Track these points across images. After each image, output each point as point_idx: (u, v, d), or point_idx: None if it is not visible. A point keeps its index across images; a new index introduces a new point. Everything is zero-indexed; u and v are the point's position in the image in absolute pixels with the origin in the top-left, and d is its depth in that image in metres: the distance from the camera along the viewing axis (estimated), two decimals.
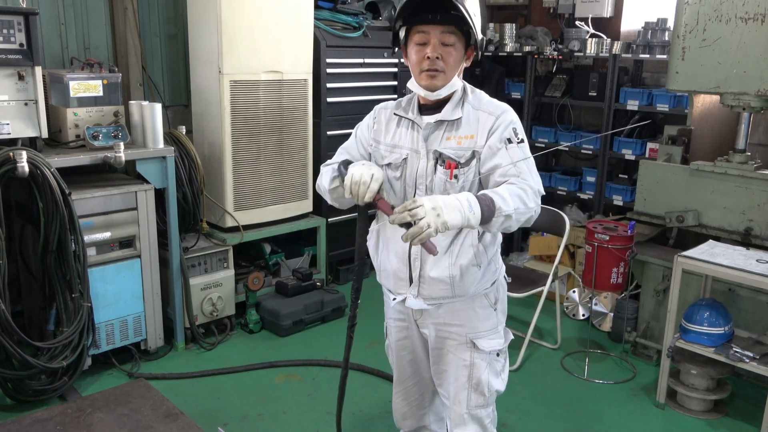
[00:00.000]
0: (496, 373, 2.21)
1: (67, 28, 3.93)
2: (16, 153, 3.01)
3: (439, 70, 1.97)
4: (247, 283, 4.15)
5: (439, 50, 1.97)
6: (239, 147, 4.12)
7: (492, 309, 2.18)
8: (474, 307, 2.15)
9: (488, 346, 2.16)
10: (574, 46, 5.07)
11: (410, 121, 2.09)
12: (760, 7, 3.27)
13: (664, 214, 3.83)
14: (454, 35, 1.97)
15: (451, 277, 2.05)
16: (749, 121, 3.63)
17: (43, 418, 2.80)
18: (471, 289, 2.09)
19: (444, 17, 1.94)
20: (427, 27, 1.97)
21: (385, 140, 2.14)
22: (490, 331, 2.18)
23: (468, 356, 2.16)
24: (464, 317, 2.15)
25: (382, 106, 2.24)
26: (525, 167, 1.97)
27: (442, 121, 2.04)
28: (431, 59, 1.96)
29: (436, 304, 2.13)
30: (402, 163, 2.08)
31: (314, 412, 3.34)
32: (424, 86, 2.01)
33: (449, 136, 2.03)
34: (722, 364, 3.29)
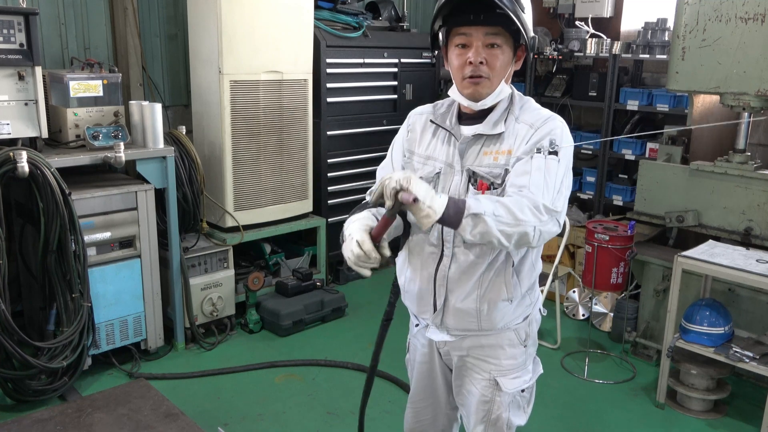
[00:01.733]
0: (518, 407, 2.03)
1: (67, 28, 3.93)
2: (16, 153, 3.01)
3: (483, 76, 1.75)
4: (247, 283, 4.15)
5: (483, 54, 1.73)
6: (239, 147, 4.12)
7: (522, 346, 1.97)
8: (502, 344, 1.95)
9: (511, 386, 1.97)
10: (574, 46, 5.07)
11: (447, 131, 1.88)
12: (760, 7, 3.27)
13: (664, 214, 3.83)
14: (500, 36, 1.73)
15: (479, 310, 1.86)
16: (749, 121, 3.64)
17: (43, 418, 2.80)
18: (500, 323, 1.90)
19: (488, 17, 1.70)
20: (468, 29, 1.73)
21: (419, 150, 1.94)
22: (515, 369, 1.98)
23: (489, 393, 1.98)
24: (489, 353, 1.96)
25: (417, 113, 2.01)
26: (539, 179, 1.70)
27: (481, 135, 1.82)
28: (474, 64, 1.73)
29: (460, 336, 1.95)
30: (434, 178, 1.87)
31: (314, 412, 3.34)
32: (467, 95, 1.78)
33: (487, 151, 1.80)
34: (722, 364, 3.29)
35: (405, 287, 2.00)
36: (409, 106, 2.66)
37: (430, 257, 1.89)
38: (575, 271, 4.74)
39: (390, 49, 4.91)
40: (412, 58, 5.08)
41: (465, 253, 1.84)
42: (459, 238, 1.82)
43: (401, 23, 5.21)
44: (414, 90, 5.13)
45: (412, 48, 5.09)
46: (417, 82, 5.16)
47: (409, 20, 5.54)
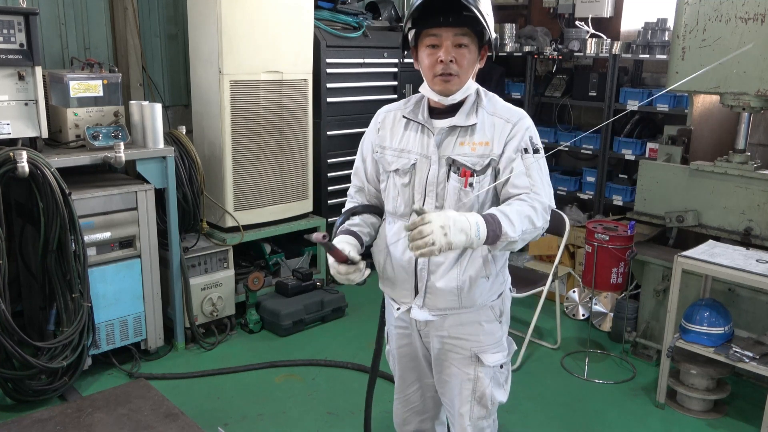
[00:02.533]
0: (499, 384, 2.17)
1: (67, 28, 3.93)
2: (16, 153, 3.01)
3: (453, 73, 1.89)
4: (247, 283, 4.15)
5: (452, 53, 1.88)
6: (239, 147, 4.12)
7: (497, 322, 2.12)
8: (480, 320, 2.08)
9: (492, 360, 2.11)
10: (574, 46, 5.07)
11: (420, 124, 2.01)
12: (760, 7, 3.27)
13: (664, 214, 3.83)
14: (467, 36, 1.88)
15: (459, 288, 1.99)
16: (749, 121, 3.63)
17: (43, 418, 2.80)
18: (478, 300, 2.03)
19: (456, 19, 1.84)
20: (438, 30, 1.87)
21: (391, 144, 2.06)
22: (494, 345, 2.12)
23: (472, 370, 2.11)
24: (469, 331, 2.09)
25: (385, 110, 2.14)
26: (538, 179, 1.91)
27: (456, 127, 1.96)
28: (445, 63, 1.87)
29: (441, 315, 2.06)
30: (410, 169, 2.00)
31: (314, 412, 3.34)
32: (438, 91, 1.93)
33: (462, 142, 1.95)
34: (722, 364, 3.29)
35: (384, 273, 2.11)
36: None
37: None
38: (575, 271, 4.74)
39: (390, 49, 4.91)
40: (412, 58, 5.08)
41: None
42: None
43: (401, 23, 5.21)
44: (414, 90, 5.10)
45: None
46: (417, 82, 5.08)
47: None
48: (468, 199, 1.94)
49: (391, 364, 2.37)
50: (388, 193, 2.07)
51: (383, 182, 2.10)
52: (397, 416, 2.43)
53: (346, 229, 2.09)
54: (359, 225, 2.13)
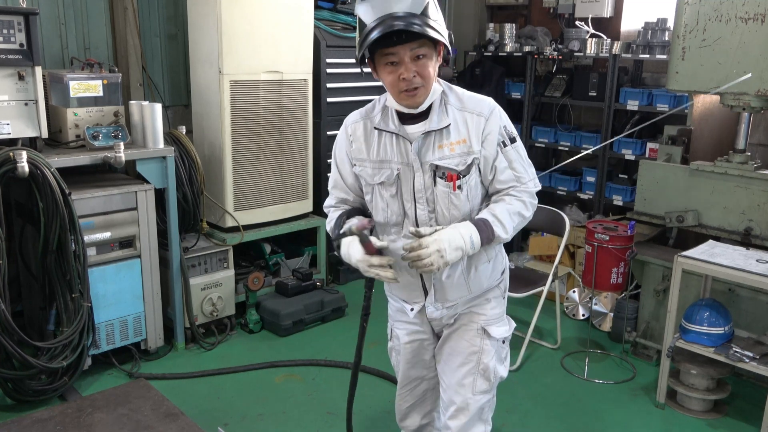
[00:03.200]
0: (501, 359, 2.24)
1: (67, 28, 3.93)
2: (16, 153, 3.01)
3: (417, 87, 1.88)
4: (247, 283, 4.15)
5: (413, 67, 1.85)
6: (239, 147, 4.12)
7: (501, 297, 2.23)
8: (489, 297, 2.18)
9: (498, 333, 2.19)
10: (574, 46, 5.07)
11: (393, 134, 1.99)
12: (760, 7, 3.27)
13: (664, 214, 3.83)
14: (423, 46, 1.85)
15: (467, 277, 2.08)
16: (749, 121, 3.63)
17: (43, 418, 2.80)
18: (485, 284, 2.14)
19: (409, 35, 1.80)
20: (394, 48, 1.83)
21: (369, 156, 2.04)
22: (499, 318, 2.21)
23: (479, 342, 2.17)
24: (477, 307, 2.18)
25: (352, 120, 2.11)
26: (521, 168, 2.00)
27: (430, 131, 1.96)
28: (408, 80, 1.86)
29: (453, 305, 2.15)
30: (395, 180, 2.00)
31: (314, 412, 3.34)
32: (407, 105, 1.94)
33: (440, 144, 1.95)
34: (722, 364, 3.29)
35: None
36: None
37: None
38: (575, 271, 4.74)
39: None
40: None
41: None
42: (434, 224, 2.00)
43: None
44: None
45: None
46: None
47: None
48: (459, 201, 1.98)
49: (394, 360, 2.41)
50: (376, 204, 2.07)
51: (368, 194, 2.10)
52: (399, 410, 2.47)
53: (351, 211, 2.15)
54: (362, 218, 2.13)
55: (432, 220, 2.00)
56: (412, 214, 2.01)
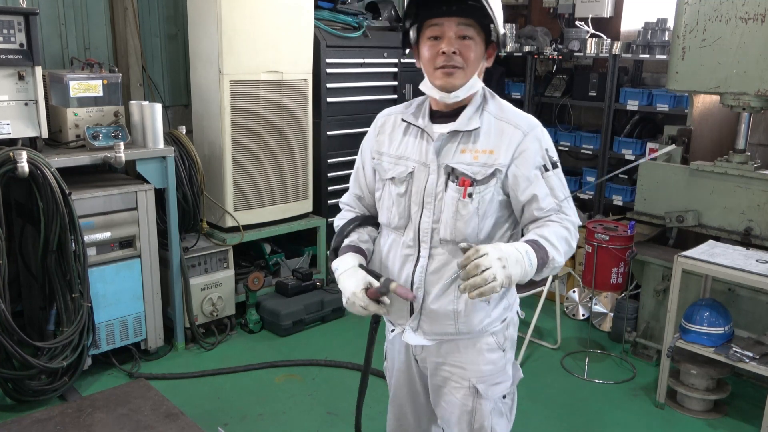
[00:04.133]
0: (501, 414, 1.97)
1: (67, 28, 3.93)
2: (16, 153, 3.01)
3: (457, 66, 1.71)
4: (247, 283, 4.15)
5: (456, 44, 1.70)
6: (239, 147, 4.12)
7: (501, 350, 1.93)
8: (480, 349, 1.89)
9: (493, 393, 1.92)
10: (574, 46, 5.07)
11: (419, 129, 1.84)
12: (760, 7, 3.27)
13: (664, 214, 3.83)
14: (472, 28, 1.71)
15: (456, 312, 1.82)
16: (749, 121, 3.63)
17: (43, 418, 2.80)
18: (477, 327, 1.85)
19: (460, 8, 1.67)
20: (440, 19, 1.70)
21: (389, 150, 1.90)
22: (496, 375, 1.93)
23: (471, 402, 1.92)
24: (468, 359, 1.90)
25: (385, 114, 1.98)
26: (563, 197, 1.80)
27: (457, 132, 1.78)
28: (447, 54, 1.70)
29: (437, 341, 1.90)
30: (407, 178, 1.84)
31: (314, 412, 3.34)
32: (440, 86, 1.75)
33: (464, 149, 1.77)
34: (722, 364, 3.29)
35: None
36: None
37: (407, 259, 1.85)
38: (575, 271, 4.74)
39: (390, 49, 4.90)
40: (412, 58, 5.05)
41: (442, 253, 1.81)
42: (436, 239, 1.81)
43: (401, 23, 5.21)
44: (414, 90, 5.12)
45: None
46: (417, 82, 5.11)
47: None
48: (466, 212, 1.76)
49: (388, 379, 2.23)
50: (383, 202, 1.92)
51: (378, 190, 1.95)
52: (390, 426, 2.29)
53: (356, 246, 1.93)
54: (366, 242, 1.97)
55: (435, 232, 1.80)
56: (416, 219, 1.83)
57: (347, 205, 2.08)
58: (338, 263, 1.87)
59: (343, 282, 1.82)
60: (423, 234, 1.82)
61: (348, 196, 2.09)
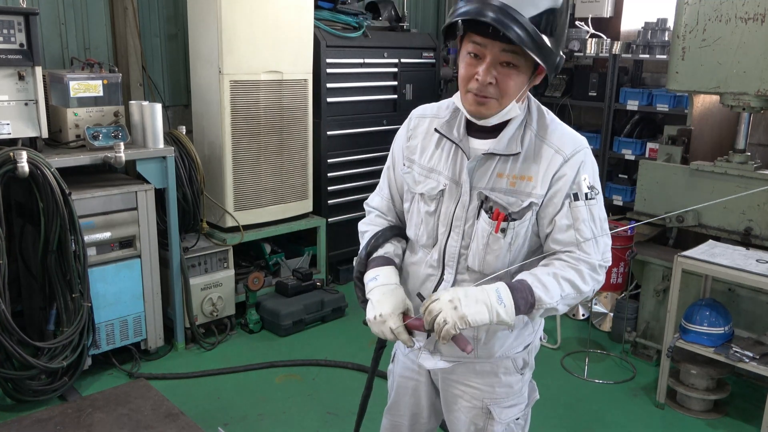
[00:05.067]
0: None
1: (67, 28, 3.93)
2: (16, 153, 3.01)
3: (489, 96, 1.54)
4: (247, 283, 4.15)
5: (494, 72, 1.51)
6: (239, 147, 4.12)
7: (518, 374, 1.83)
8: (497, 372, 1.80)
9: (506, 416, 1.83)
10: (574, 46, 5.07)
11: (454, 143, 1.68)
12: (760, 7, 3.27)
13: (664, 214, 3.83)
14: (519, 55, 1.50)
15: (476, 338, 1.72)
16: (749, 121, 3.63)
17: (43, 418, 2.80)
18: (498, 352, 1.75)
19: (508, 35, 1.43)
20: (484, 39, 1.49)
21: (420, 161, 1.73)
22: (510, 398, 1.84)
23: (482, 422, 1.83)
24: (483, 381, 1.81)
25: (419, 114, 1.79)
26: (588, 232, 1.60)
27: (495, 154, 1.62)
28: (481, 84, 1.51)
29: (454, 363, 1.80)
30: (438, 196, 1.69)
31: (314, 412, 3.34)
32: (469, 112, 1.59)
33: (501, 173, 1.61)
34: (722, 364, 3.29)
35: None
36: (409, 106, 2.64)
37: (428, 279, 1.76)
38: None
39: (390, 49, 4.91)
40: (412, 58, 5.09)
41: (468, 281, 1.70)
42: (463, 265, 1.70)
43: (401, 23, 5.21)
44: (414, 90, 5.13)
45: (412, 48, 5.09)
46: (417, 82, 5.16)
47: (409, 20, 5.54)
48: (498, 246, 1.63)
49: (390, 382, 2.10)
50: (411, 217, 1.78)
51: (407, 201, 1.79)
52: None
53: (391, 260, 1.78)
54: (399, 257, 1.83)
55: (463, 258, 1.68)
56: (443, 241, 1.70)
57: (377, 210, 1.90)
58: (378, 273, 1.72)
59: (379, 296, 1.67)
60: (449, 258, 1.71)
61: (378, 200, 1.91)
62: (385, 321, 1.63)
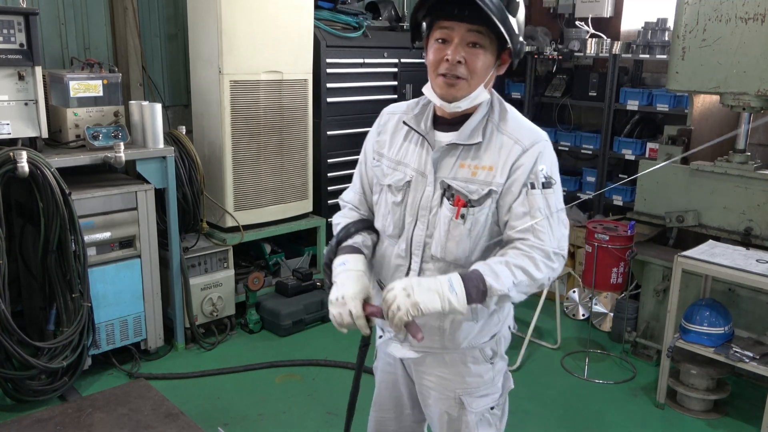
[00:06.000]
0: (489, 424, 1.91)
1: (67, 28, 3.93)
2: (16, 153, 3.01)
3: (460, 77, 1.62)
4: (247, 283, 4.15)
5: (462, 53, 1.60)
6: (239, 147, 4.12)
7: (488, 363, 1.87)
8: (466, 362, 1.84)
9: (478, 405, 1.87)
10: (574, 46, 5.07)
11: (421, 136, 1.75)
12: (760, 7, 3.27)
13: (664, 214, 3.83)
14: (484, 35, 1.60)
15: (441, 328, 1.78)
16: (749, 121, 3.63)
17: (43, 418, 2.80)
18: (463, 342, 1.80)
19: (473, 14, 1.55)
20: (450, 22, 1.59)
21: (389, 154, 1.81)
22: (482, 387, 1.88)
23: (456, 412, 1.87)
24: (453, 371, 1.86)
25: (390, 111, 1.89)
26: (544, 222, 1.65)
27: (457, 144, 1.69)
28: (451, 63, 1.60)
29: (423, 353, 1.85)
30: (404, 187, 1.76)
31: (314, 412, 3.34)
32: (440, 95, 1.66)
33: (464, 164, 1.68)
34: (722, 364, 3.29)
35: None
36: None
37: (397, 269, 1.81)
38: (575, 271, 4.74)
39: (390, 49, 4.90)
40: (412, 58, 5.08)
41: (432, 270, 1.76)
42: (428, 254, 1.75)
43: (401, 23, 5.21)
44: (414, 90, 5.13)
45: (412, 48, 5.09)
46: (417, 82, 5.15)
47: None
48: (458, 232, 1.69)
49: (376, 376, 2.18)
50: (379, 208, 1.86)
51: (376, 194, 1.88)
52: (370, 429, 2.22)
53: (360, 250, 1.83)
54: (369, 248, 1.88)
55: (427, 247, 1.74)
56: (409, 231, 1.77)
57: (351, 204, 1.98)
58: (347, 259, 1.77)
59: (344, 280, 1.72)
60: (415, 246, 1.77)
61: (351, 194, 2.00)
62: (345, 303, 1.69)
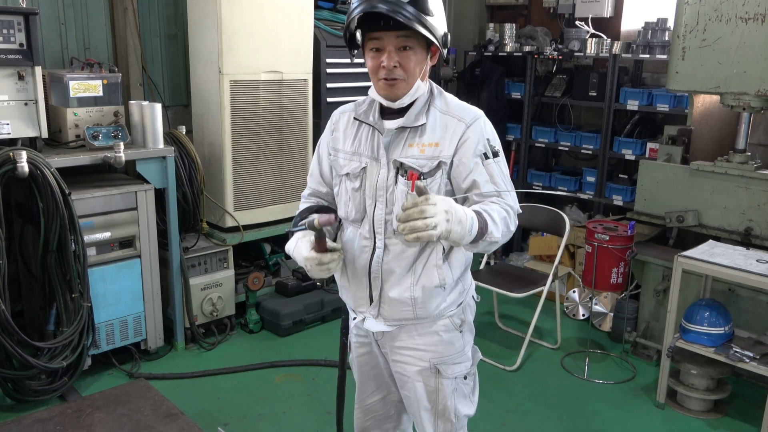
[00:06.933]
0: (464, 396, 2.06)
1: (67, 28, 3.93)
2: (16, 153, 3.01)
3: (398, 78, 1.81)
4: (247, 283, 4.15)
5: (396, 57, 1.80)
6: (239, 147, 4.12)
7: (458, 332, 2.02)
8: (437, 331, 1.99)
9: (453, 372, 2.01)
10: (574, 46, 5.07)
11: (371, 126, 1.94)
12: (760, 7, 3.27)
13: (664, 214, 3.83)
14: (411, 38, 1.79)
15: (413, 298, 1.91)
16: (749, 121, 3.63)
17: (43, 418, 2.80)
18: (435, 311, 1.95)
19: (398, 22, 1.73)
20: (380, 33, 1.80)
21: (344, 147, 2.00)
22: (455, 355, 2.02)
23: (432, 382, 2.01)
24: (427, 341, 2.00)
25: (339, 111, 2.08)
26: (503, 185, 1.84)
27: (405, 128, 1.88)
28: (387, 68, 1.80)
29: (397, 326, 1.99)
30: (361, 173, 1.93)
31: (314, 412, 3.34)
32: (384, 96, 1.87)
33: (411, 143, 1.87)
34: (722, 364, 3.29)
35: (341, 282, 2.06)
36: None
37: (363, 250, 1.94)
38: (575, 271, 4.74)
39: None
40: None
41: (396, 243, 1.90)
42: (390, 230, 1.89)
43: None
44: None
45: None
46: None
47: None
48: None
49: (354, 371, 2.28)
50: (340, 197, 2.01)
51: (336, 186, 2.04)
52: (357, 425, 2.33)
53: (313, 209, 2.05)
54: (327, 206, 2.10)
55: (389, 224, 1.89)
56: (371, 212, 1.92)
57: (304, 198, 2.19)
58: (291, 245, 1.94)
59: (296, 256, 1.90)
60: (377, 226, 1.91)
61: (306, 190, 2.20)
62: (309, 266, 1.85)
